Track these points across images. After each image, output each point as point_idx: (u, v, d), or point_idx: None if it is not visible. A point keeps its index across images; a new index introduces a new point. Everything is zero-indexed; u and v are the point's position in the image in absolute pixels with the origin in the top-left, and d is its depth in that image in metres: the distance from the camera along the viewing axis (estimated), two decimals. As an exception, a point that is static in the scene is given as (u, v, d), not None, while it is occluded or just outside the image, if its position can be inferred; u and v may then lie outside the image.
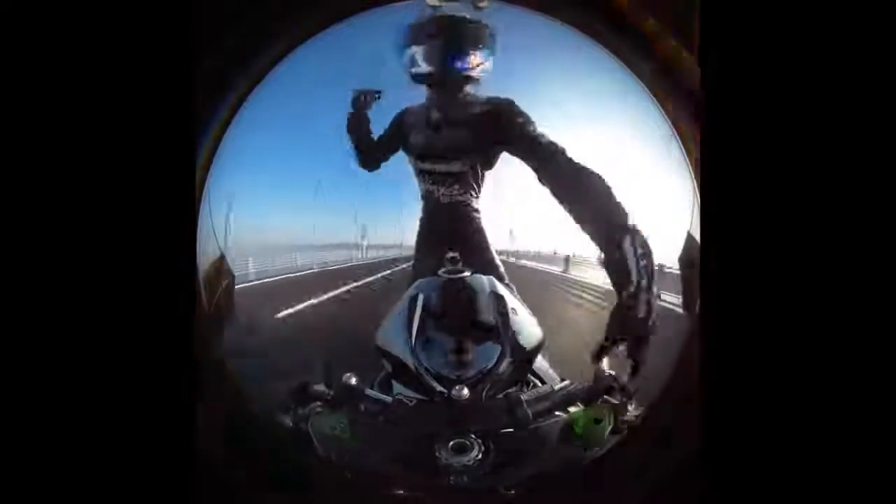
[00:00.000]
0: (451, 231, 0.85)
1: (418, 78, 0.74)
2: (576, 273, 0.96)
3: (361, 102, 0.76)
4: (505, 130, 0.73)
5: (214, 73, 0.68)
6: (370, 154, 0.79)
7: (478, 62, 0.70)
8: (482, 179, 0.80)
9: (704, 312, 0.55)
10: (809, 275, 0.52)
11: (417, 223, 0.94)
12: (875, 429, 0.50)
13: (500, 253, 0.95)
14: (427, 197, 0.83)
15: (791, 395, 0.52)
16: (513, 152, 0.74)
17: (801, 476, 0.51)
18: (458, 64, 0.70)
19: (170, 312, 0.55)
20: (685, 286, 0.82)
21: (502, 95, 0.74)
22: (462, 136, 0.77)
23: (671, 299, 0.81)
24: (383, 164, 0.81)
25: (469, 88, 0.73)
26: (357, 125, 0.78)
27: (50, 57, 0.52)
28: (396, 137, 0.80)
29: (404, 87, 0.83)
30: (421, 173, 0.81)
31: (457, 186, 0.79)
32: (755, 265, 0.53)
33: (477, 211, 0.83)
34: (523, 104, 0.77)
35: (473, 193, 0.80)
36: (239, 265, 0.89)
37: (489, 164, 0.77)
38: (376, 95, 0.75)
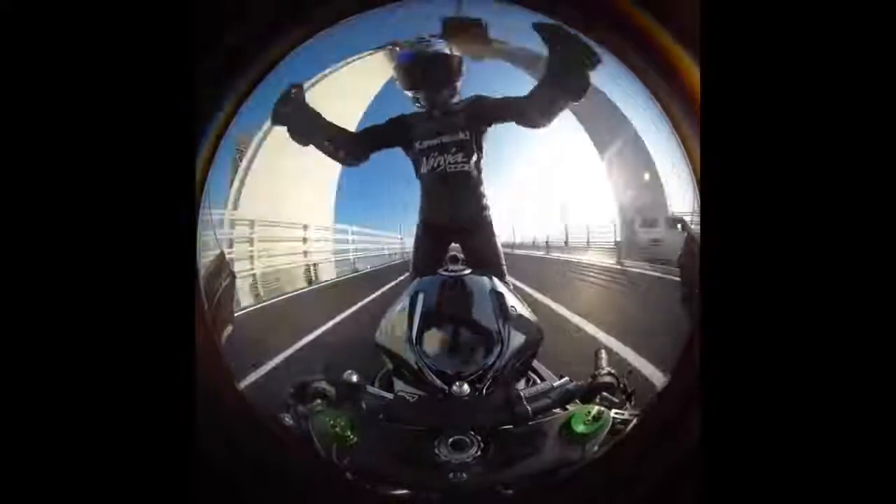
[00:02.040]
0: (455, 200, 0.99)
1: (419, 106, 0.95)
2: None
3: (289, 108, 0.87)
4: (485, 112, 0.96)
5: (214, 73, 0.67)
6: (349, 151, 0.94)
7: (452, 92, 0.92)
8: (480, 151, 0.97)
9: (704, 312, 0.55)
10: (809, 273, 0.52)
11: (417, 214, 0.99)
12: (876, 428, 0.50)
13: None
14: (430, 172, 0.97)
15: (792, 394, 0.52)
16: (499, 121, 0.96)
17: (802, 475, 0.51)
18: (442, 101, 0.93)
19: (170, 312, 0.55)
20: (685, 285, 0.82)
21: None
22: (457, 119, 0.97)
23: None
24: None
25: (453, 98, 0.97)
26: (308, 130, 0.89)
27: (50, 57, 0.52)
28: (395, 132, 0.96)
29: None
30: (426, 151, 0.97)
31: (461, 154, 0.96)
32: (755, 264, 0.53)
33: (480, 182, 0.99)
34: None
35: (474, 162, 0.97)
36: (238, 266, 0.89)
37: (481, 137, 0.97)
38: (293, 93, 0.87)
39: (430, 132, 0.97)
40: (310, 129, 0.90)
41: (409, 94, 0.96)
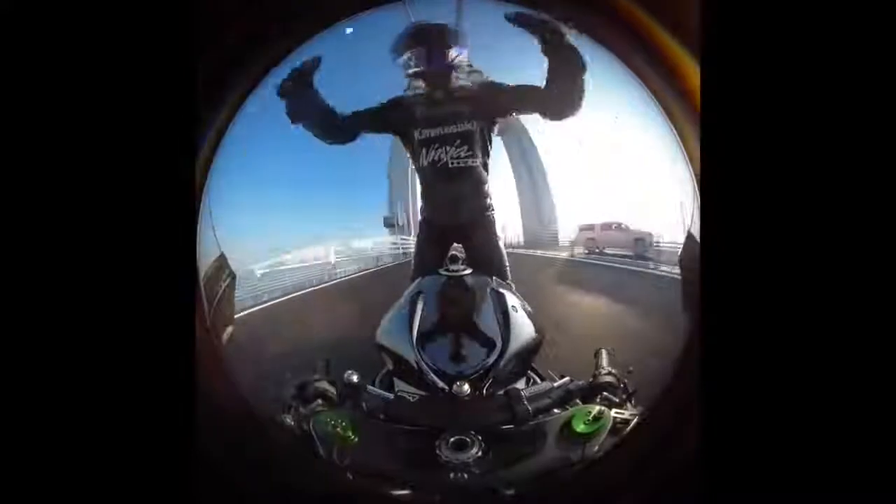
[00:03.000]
0: (459, 198, 0.92)
1: (415, 75, 0.86)
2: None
3: (295, 83, 0.82)
4: (500, 101, 0.86)
5: (214, 72, 0.67)
6: (336, 127, 0.88)
7: (454, 56, 0.84)
8: (488, 144, 0.87)
9: (704, 313, 0.55)
10: (809, 275, 0.52)
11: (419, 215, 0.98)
12: (874, 429, 0.50)
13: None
14: (432, 165, 0.89)
15: (791, 396, 0.52)
16: (519, 112, 0.88)
17: (801, 476, 0.51)
18: (441, 61, 0.84)
19: (170, 312, 0.55)
20: (685, 286, 0.82)
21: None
22: (463, 107, 0.87)
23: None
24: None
25: (455, 76, 0.86)
26: (305, 108, 0.84)
27: (50, 56, 0.52)
28: (390, 117, 0.89)
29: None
30: (426, 142, 0.87)
31: (465, 148, 0.86)
32: (755, 265, 0.53)
33: (485, 180, 0.90)
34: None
35: (481, 157, 0.87)
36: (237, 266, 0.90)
37: (491, 129, 0.88)
38: (313, 65, 0.82)
39: (432, 120, 0.87)
40: (305, 108, 0.85)
41: (410, 71, 0.87)
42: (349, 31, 0.78)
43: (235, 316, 0.90)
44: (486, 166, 0.92)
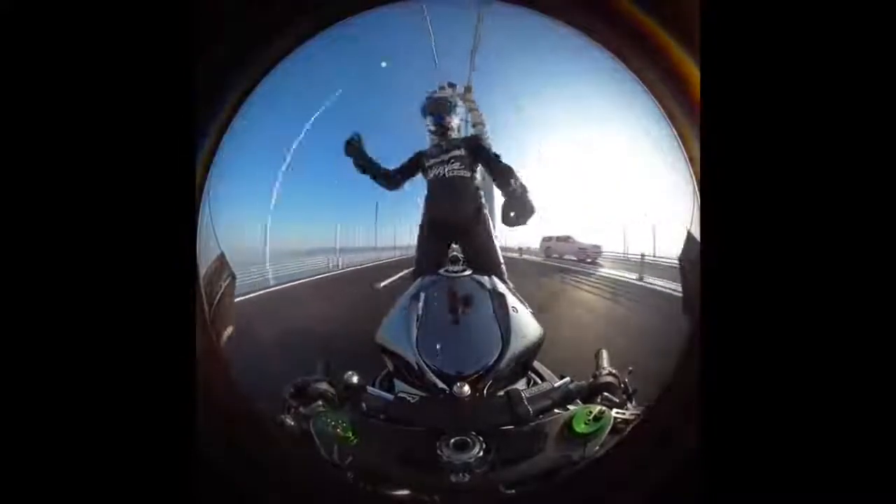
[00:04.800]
0: (454, 198, 1.22)
1: (429, 132, 1.24)
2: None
3: (353, 148, 1.17)
4: (477, 147, 1.24)
5: (214, 72, 0.67)
6: (390, 179, 1.24)
7: (451, 120, 1.25)
8: (475, 168, 1.24)
9: (704, 312, 0.55)
10: (809, 274, 0.52)
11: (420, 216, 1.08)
12: (874, 429, 0.50)
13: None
14: (434, 178, 1.23)
15: (791, 395, 0.52)
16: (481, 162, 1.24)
17: (801, 476, 0.51)
18: (443, 121, 1.23)
19: (170, 312, 0.55)
20: (685, 286, 0.82)
21: (501, 100, 1.27)
22: (457, 143, 1.25)
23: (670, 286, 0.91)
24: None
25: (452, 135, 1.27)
26: (362, 165, 1.18)
27: (50, 56, 0.52)
28: (416, 163, 1.25)
29: (402, 89, 1.23)
30: (432, 166, 1.24)
31: (457, 164, 1.23)
32: (755, 264, 0.53)
33: (476, 186, 1.23)
34: (526, 104, 1.19)
35: (470, 172, 1.23)
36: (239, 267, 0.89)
37: (475, 160, 1.24)
38: (357, 138, 1.18)
39: (437, 153, 1.25)
40: (369, 166, 1.19)
41: (427, 122, 1.26)
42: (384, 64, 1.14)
43: (235, 315, 0.90)
44: (475, 178, 1.24)
